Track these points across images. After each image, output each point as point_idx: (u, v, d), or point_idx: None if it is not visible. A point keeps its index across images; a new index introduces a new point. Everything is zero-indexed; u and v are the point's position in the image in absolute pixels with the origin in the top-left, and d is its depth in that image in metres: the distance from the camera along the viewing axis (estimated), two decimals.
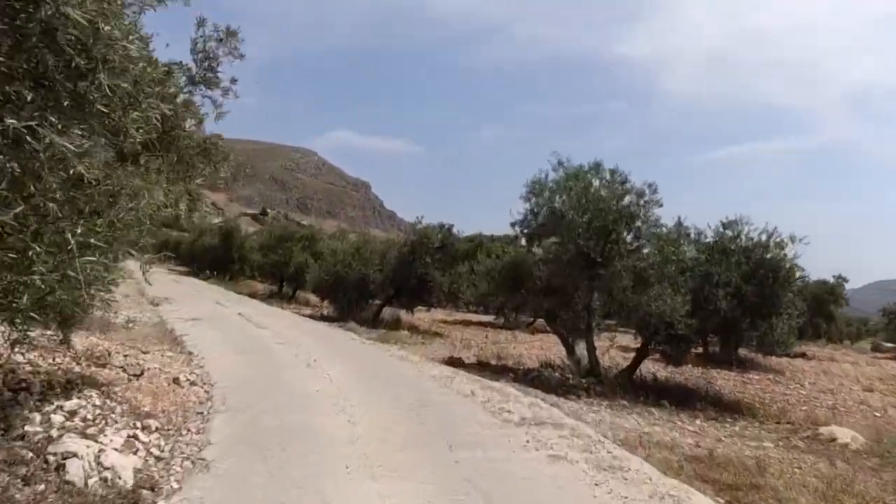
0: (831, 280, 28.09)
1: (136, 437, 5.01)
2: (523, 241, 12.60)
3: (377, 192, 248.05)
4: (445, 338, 19.88)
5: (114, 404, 5.65)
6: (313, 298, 25.14)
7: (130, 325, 12.71)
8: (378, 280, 20.16)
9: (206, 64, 5.41)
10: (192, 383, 7.52)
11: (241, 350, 10.39)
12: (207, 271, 40.37)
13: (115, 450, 4.59)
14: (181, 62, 5.35)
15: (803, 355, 23.22)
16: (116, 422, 5.22)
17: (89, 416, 5.08)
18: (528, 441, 6.02)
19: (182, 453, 4.99)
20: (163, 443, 5.16)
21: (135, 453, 4.71)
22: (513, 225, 12.15)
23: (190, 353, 9.59)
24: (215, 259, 38.34)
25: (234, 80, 5.55)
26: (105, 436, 4.77)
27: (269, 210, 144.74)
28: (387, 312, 21.98)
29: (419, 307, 23.51)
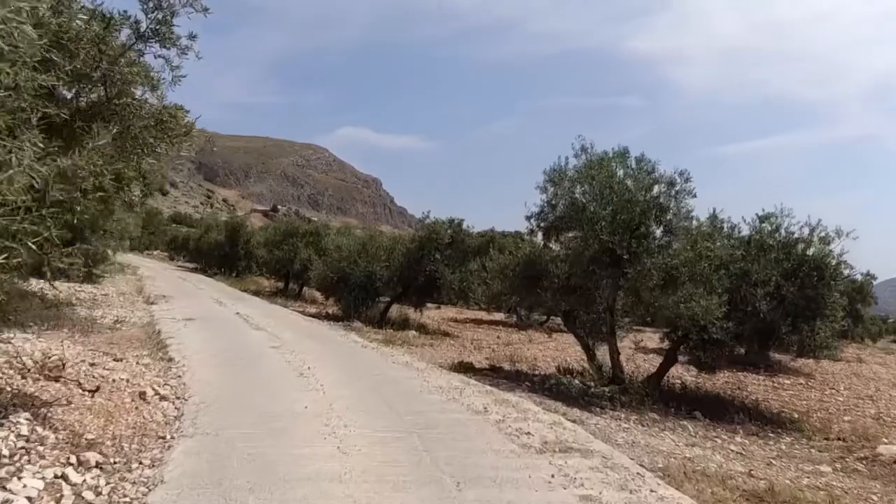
0: (859, 278, 26.68)
1: (64, 477, 3.98)
2: (539, 236, 11.49)
3: (388, 188, 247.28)
4: (455, 338, 18.83)
5: (47, 432, 4.60)
6: (319, 296, 24.17)
7: (119, 325, 11.78)
8: (385, 277, 19.15)
9: (158, 15, 4.35)
10: (163, 398, 6.49)
11: (228, 356, 9.38)
12: (215, 268, 39.64)
13: (29, 499, 3.56)
14: (125, 12, 4.29)
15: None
16: (44, 457, 4.18)
17: (5, 452, 4.04)
18: (552, 476, 4.94)
19: (122, 499, 3.96)
20: (101, 482, 4.12)
21: (57, 502, 3.67)
22: (528, 218, 11.07)
23: (170, 360, 8.58)
24: (223, 256, 37.55)
25: (193, 37, 4.48)
26: (20, 479, 3.74)
27: (279, 206, 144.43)
28: (394, 311, 20.97)
29: (429, 305, 22.49)
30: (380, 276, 19.03)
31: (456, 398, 7.64)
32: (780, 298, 10.16)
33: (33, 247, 3.61)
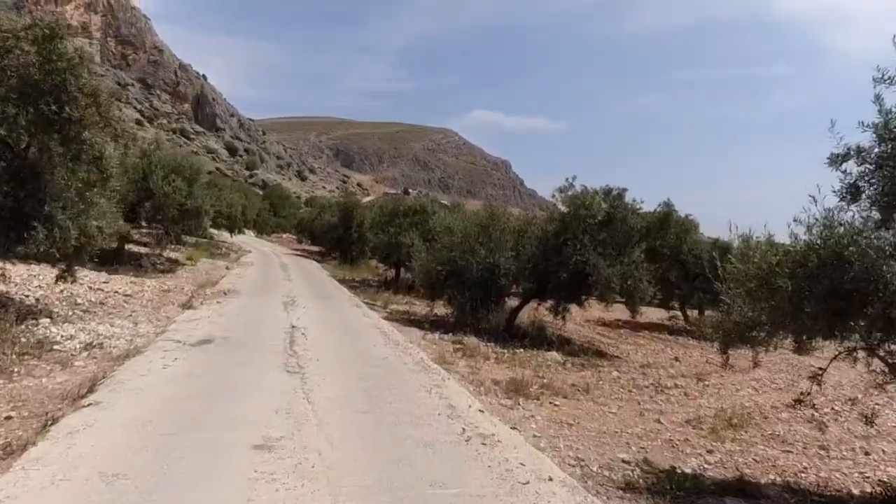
0: None
1: None
2: (853, 213, 5.10)
3: (517, 170, 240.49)
4: (614, 362, 12.69)
5: None
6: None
7: (86, 353, 7.15)
8: (513, 270, 13.41)
9: None
10: None
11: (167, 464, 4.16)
12: (334, 252, 36.22)
13: None
14: None
15: None
16: None
17: None
18: None
19: None
20: None
21: None
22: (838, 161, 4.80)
23: None
24: (336, 239, 33.77)
25: None
26: None
27: (410, 190, 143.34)
28: (525, 313, 15.24)
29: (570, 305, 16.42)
30: (506, 270, 13.31)
31: None
32: None
33: None
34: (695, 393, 10.23)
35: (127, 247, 20.61)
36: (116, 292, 11.22)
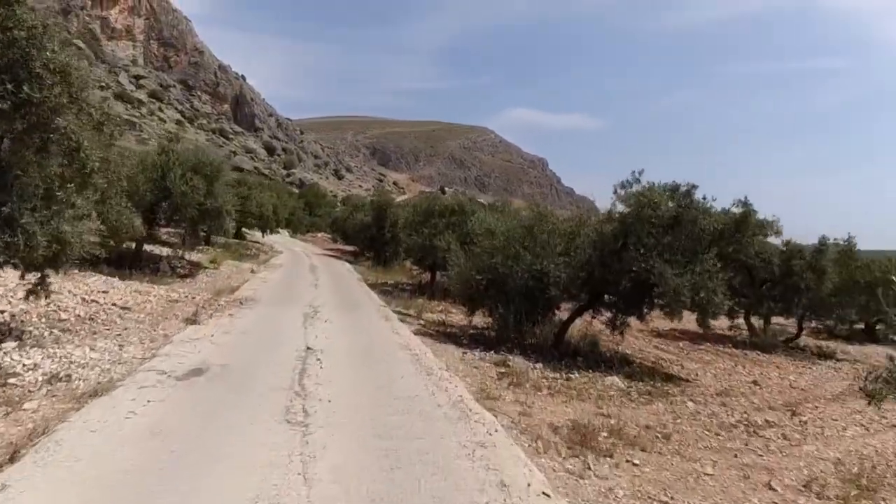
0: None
1: None
2: None
3: (554, 168, 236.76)
4: (682, 385, 10.78)
5: None
6: None
7: (46, 389, 5.73)
8: (564, 279, 11.58)
9: None
10: None
11: None
12: (368, 253, 34.87)
13: None
14: None
15: None
16: None
17: None
18: None
19: None
20: None
21: None
22: None
23: None
24: (369, 239, 32.37)
25: None
26: None
27: (446, 188, 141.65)
28: (576, 327, 13.41)
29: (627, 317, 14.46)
30: (555, 278, 11.49)
31: None
32: None
33: None
34: (795, 435, 8.27)
35: (149, 248, 19.50)
36: (114, 304, 9.83)
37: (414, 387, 6.96)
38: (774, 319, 20.72)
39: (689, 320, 12.84)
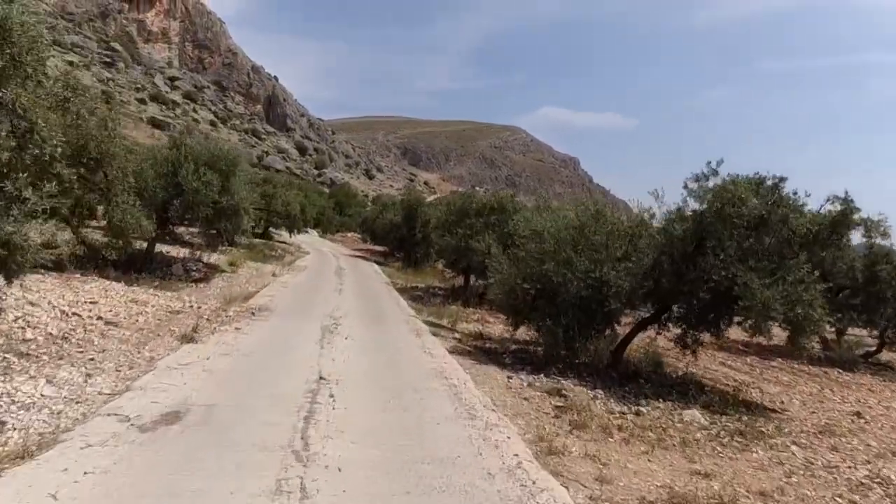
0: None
1: None
2: None
3: (586, 167, 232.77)
4: (771, 418, 8.83)
5: None
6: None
7: None
8: (626, 288, 9.74)
9: None
10: None
11: None
12: (398, 253, 33.36)
13: None
14: None
15: None
16: None
17: None
18: None
19: None
20: None
21: None
22: None
23: None
24: (399, 239, 30.83)
25: None
26: None
27: (477, 188, 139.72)
28: (635, 344, 11.57)
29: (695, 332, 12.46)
30: (617, 287, 9.65)
31: None
32: None
33: None
34: None
35: (165, 249, 18.22)
36: (99, 318, 8.35)
37: (454, 440, 5.23)
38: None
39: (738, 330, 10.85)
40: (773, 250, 9.58)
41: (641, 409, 8.17)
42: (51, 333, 7.25)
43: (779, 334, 10.73)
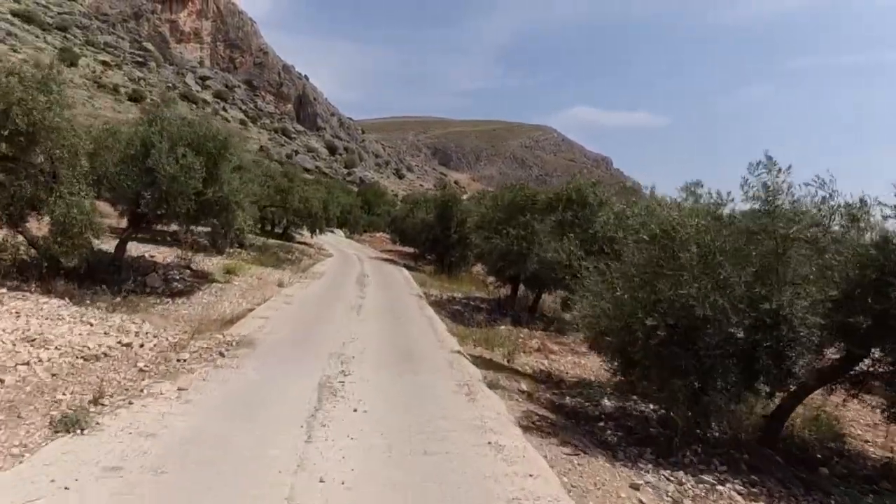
0: None
1: None
2: None
3: (619, 167, 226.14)
4: None
5: None
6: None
7: None
8: (815, 327, 5.76)
9: None
10: None
11: None
12: (428, 255, 29.64)
13: None
14: None
15: None
16: None
17: None
18: None
19: None
20: None
21: None
22: None
23: None
24: (432, 240, 27.03)
25: None
26: None
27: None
28: (804, 408, 7.53)
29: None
30: (803, 325, 5.70)
31: None
32: None
33: None
34: None
35: (148, 253, 14.77)
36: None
37: None
38: None
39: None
40: None
41: None
42: None
43: None
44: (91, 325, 7.56)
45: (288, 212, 24.09)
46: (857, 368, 6.67)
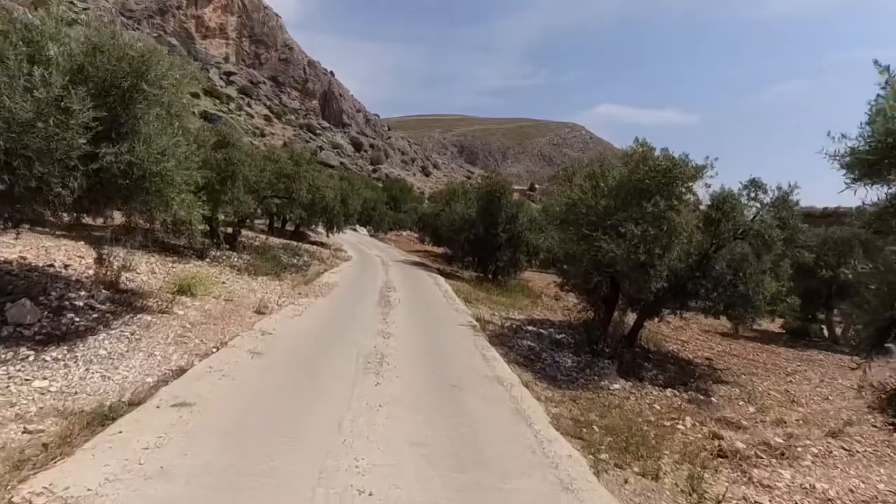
0: None
1: None
2: None
3: None
4: None
5: None
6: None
7: None
8: None
9: None
10: None
11: None
12: (467, 258, 24.24)
13: None
14: None
15: None
16: None
17: None
18: None
19: None
20: None
21: None
22: None
23: None
24: (473, 241, 21.46)
25: None
26: None
27: (536, 185, 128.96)
28: None
29: None
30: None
31: None
32: None
33: None
34: None
35: (60, 262, 9.61)
36: None
37: None
38: None
39: None
40: None
41: None
42: None
43: None
44: None
45: (295, 204, 18.86)
46: None
